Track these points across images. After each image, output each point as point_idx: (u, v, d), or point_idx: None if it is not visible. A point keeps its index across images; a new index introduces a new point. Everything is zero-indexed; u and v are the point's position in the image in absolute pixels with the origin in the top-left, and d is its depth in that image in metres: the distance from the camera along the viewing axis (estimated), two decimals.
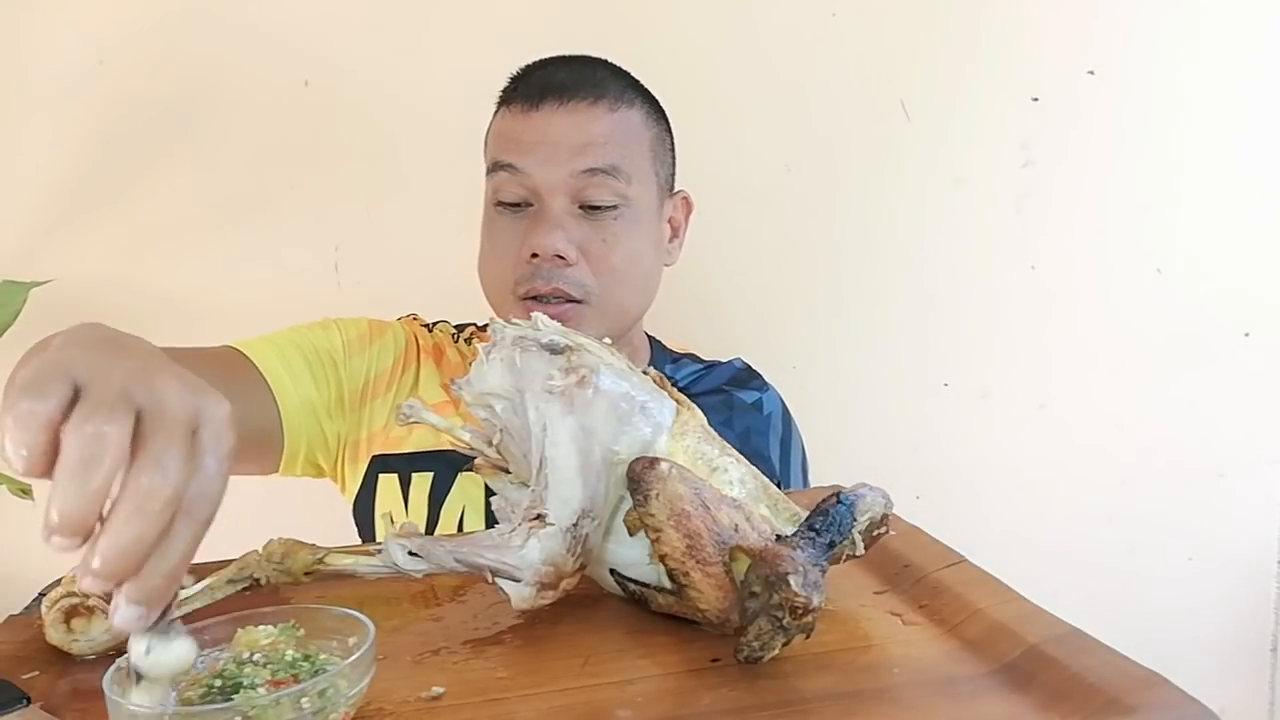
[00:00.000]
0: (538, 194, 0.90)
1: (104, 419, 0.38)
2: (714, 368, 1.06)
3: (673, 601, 0.54)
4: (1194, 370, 1.44)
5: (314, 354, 0.92)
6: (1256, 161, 1.41)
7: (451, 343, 1.02)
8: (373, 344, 0.97)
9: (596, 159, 0.89)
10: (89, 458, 0.37)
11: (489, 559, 0.53)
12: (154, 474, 0.38)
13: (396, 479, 0.93)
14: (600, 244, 0.90)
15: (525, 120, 0.91)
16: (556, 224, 0.89)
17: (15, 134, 1.25)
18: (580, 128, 0.90)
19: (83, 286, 1.23)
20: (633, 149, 0.93)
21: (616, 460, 0.55)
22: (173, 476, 0.38)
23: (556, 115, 0.90)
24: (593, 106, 0.91)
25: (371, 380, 0.96)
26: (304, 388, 0.90)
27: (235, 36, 1.25)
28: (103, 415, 0.38)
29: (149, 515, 0.38)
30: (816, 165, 1.35)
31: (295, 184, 1.28)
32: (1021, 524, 1.42)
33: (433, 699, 0.48)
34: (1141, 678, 0.45)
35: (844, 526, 0.52)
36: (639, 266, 0.94)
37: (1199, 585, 1.48)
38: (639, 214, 0.93)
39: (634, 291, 0.94)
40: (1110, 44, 1.36)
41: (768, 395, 1.05)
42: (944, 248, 1.38)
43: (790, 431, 1.04)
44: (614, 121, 0.92)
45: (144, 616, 0.39)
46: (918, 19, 1.33)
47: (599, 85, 0.93)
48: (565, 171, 0.89)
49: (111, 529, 0.38)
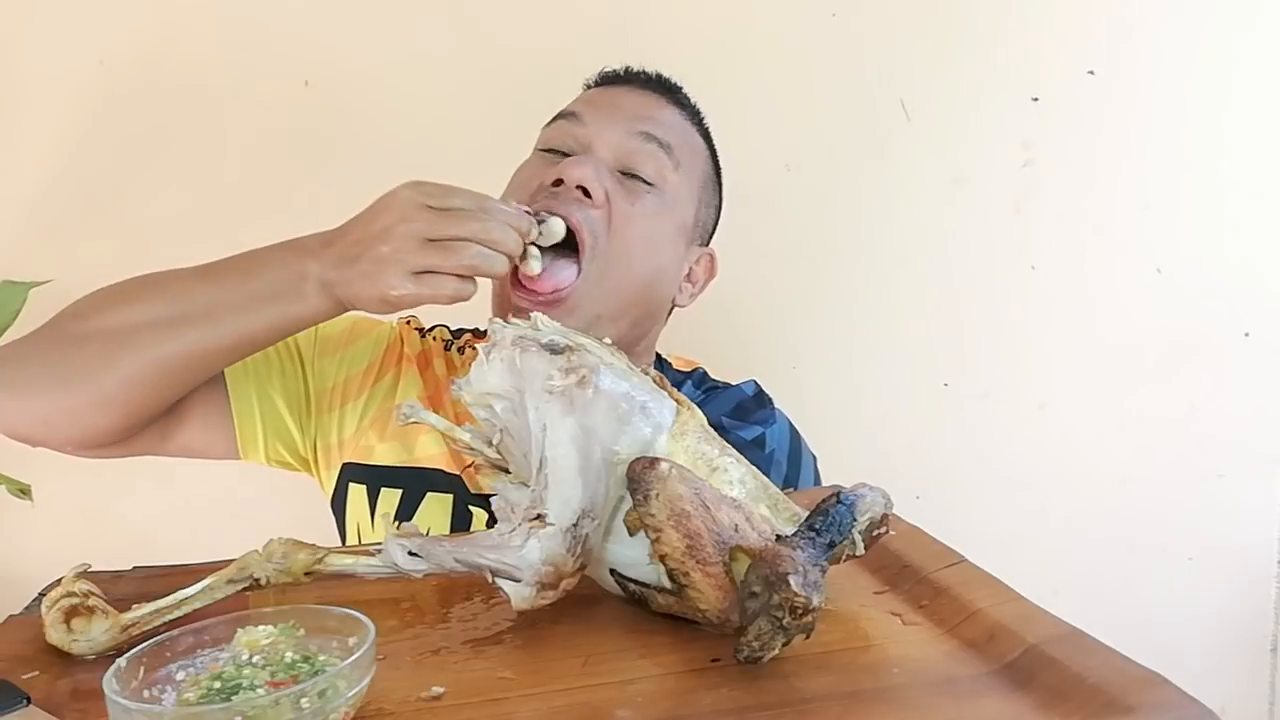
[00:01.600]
0: (588, 144, 0.88)
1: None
2: (717, 393, 0.98)
3: (673, 601, 0.54)
4: (1194, 370, 1.44)
5: (286, 355, 0.93)
6: (1256, 161, 1.41)
7: (441, 351, 0.98)
8: (350, 345, 0.96)
9: (655, 128, 0.89)
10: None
11: (489, 559, 0.53)
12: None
13: (365, 491, 0.91)
14: (628, 205, 0.86)
15: (603, 89, 0.94)
16: (591, 161, 0.85)
17: (15, 134, 1.25)
18: (649, 105, 0.92)
19: (83, 286, 1.23)
20: (689, 155, 0.93)
21: (616, 460, 0.55)
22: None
23: (631, 93, 0.93)
24: (670, 103, 0.94)
25: (341, 383, 0.94)
26: (260, 372, 0.90)
27: (235, 36, 1.25)
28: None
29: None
30: (816, 165, 1.35)
31: (295, 184, 1.28)
32: (1021, 524, 1.42)
33: (433, 699, 0.48)
34: (1141, 678, 0.45)
35: (844, 526, 0.52)
36: (654, 256, 0.89)
37: (1199, 585, 1.49)
38: (672, 208, 0.90)
39: (639, 276, 0.88)
40: (1110, 44, 1.36)
41: (772, 430, 0.96)
42: (944, 248, 1.38)
43: (798, 467, 0.97)
44: (682, 122, 0.94)
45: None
46: (918, 19, 1.33)
47: (680, 98, 0.96)
48: (622, 130, 0.88)
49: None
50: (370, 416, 0.93)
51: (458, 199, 0.73)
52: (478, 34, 1.27)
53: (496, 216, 0.73)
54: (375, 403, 0.94)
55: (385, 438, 0.92)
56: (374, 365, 0.96)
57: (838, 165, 1.35)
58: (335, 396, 0.94)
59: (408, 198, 0.73)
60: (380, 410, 0.93)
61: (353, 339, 0.97)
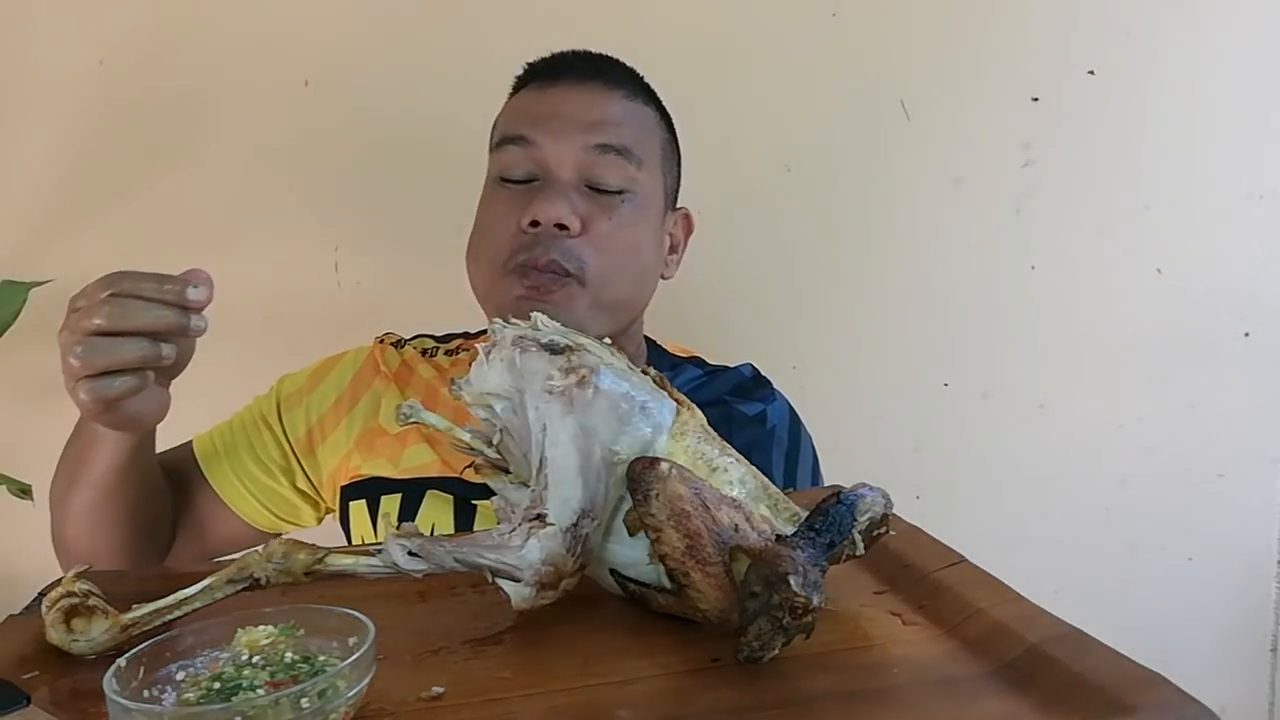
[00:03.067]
0: (546, 167, 0.87)
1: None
2: (717, 374, 1.01)
3: (673, 601, 0.54)
4: (1194, 370, 1.44)
5: (250, 424, 0.99)
6: (1256, 161, 1.41)
7: (423, 359, 0.99)
8: (314, 390, 0.99)
9: (610, 136, 0.87)
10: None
11: (489, 559, 0.53)
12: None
13: (365, 504, 0.92)
14: (605, 222, 0.86)
15: (540, 95, 0.90)
16: (561, 193, 0.85)
17: (15, 134, 1.25)
18: (596, 105, 0.88)
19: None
20: (645, 139, 0.91)
21: (616, 460, 0.55)
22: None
23: (573, 92, 0.89)
24: (610, 91, 0.90)
25: (316, 425, 0.97)
26: (229, 451, 0.97)
27: (235, 36, 1.25)
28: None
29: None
30: (816, 165, 1.34)
31: (295, 184, 1.28)
32: (1022, 524, 1.42)
33: (433, 699, 0.48)
34: (1141, 678, 0.45)
35: (844, 526, 0.52)
36: (639, 258, 0.90)
37: (1199, 585, 1.49)
38: (646, 206, 0.90)
39: (630, 283, 0.90)
40: (1110, 44, 1.36)
41: (773, 406, 0.99)
42: (944, 248, 1.38)
43: (798, 444, 0.99)
44: (628, 108, 0.91)
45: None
46: (918, 19, 1.33)
47: (615, 76, 0.92)
48: (578, 145, 0.86)
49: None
50: (353, 441, 0.95)
51: (90, 296, 0.69)
52: (478, 34, 1.27)
53: (137, 312, 0.68)
54: (355, 428, 0.95)
55: (371, 456, 0.93)
56: (343, 396, 0.98)
57: (838, 165, 1.35)
58: (314, 438, 0.97)
59: (69, 316, 0.70)
60: (363, 432, 0.95)
61: (317, 382, 0.99)
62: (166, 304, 0.67)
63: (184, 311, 0.68)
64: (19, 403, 1.27)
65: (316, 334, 1.30)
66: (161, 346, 0.68)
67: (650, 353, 1.02)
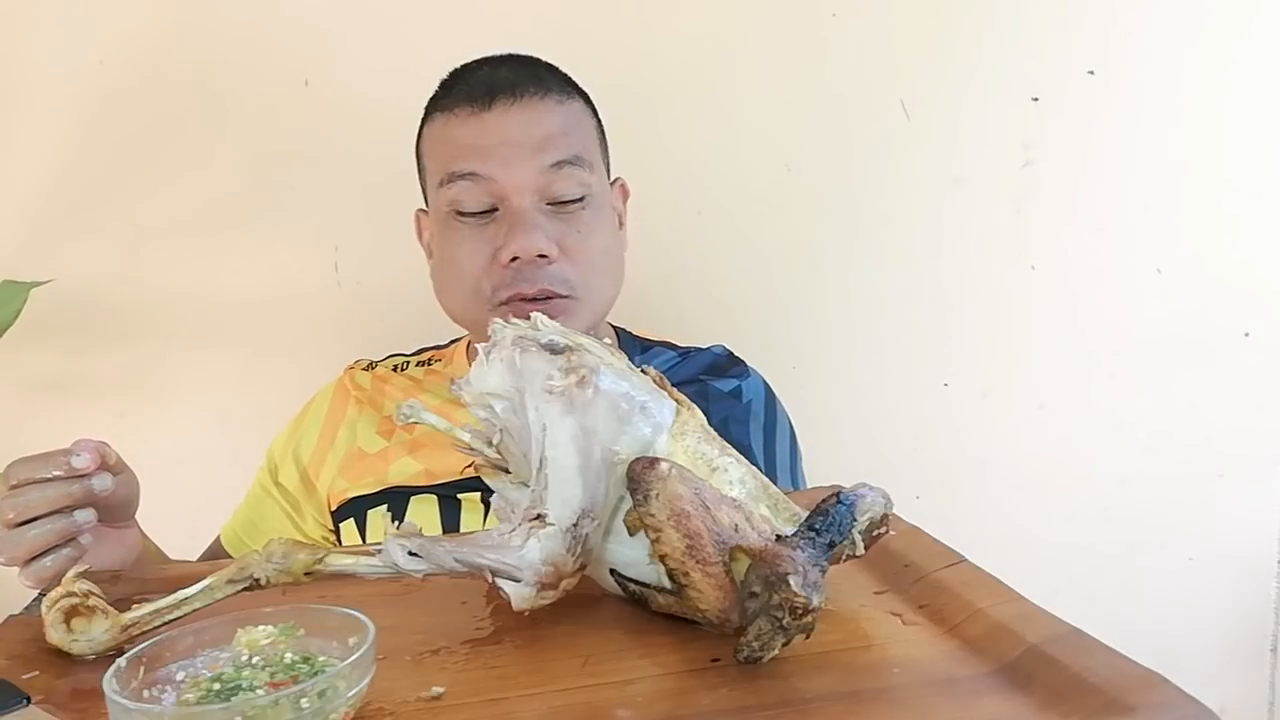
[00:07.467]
0: (504, 197, 0.88)
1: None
2: (690, 356, 1.03)
3: (673, 601, 0.54)
4: (1194, 370, 1.44)
5: (258, 500, 1.01)
6: (1256, 161, 1.41)
7: (395, 374, 1.02)
8: (297, 435, 1.01)
9: (561, 150, 0.88)
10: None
11: (489, 559, 0.53)
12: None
13: (354, 522, 0.94)
14: (576, 236, 0.89)
15: (479, 123, 0.88)
16: (533, 224, 0.87)
17: (15, 134, 1.25)
18: (538, 122, 0.88)
19: (83, 286, 1.23)
20: (586, 137, 0.92)
21: (616, 460, 0.55)
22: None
23: (511, 113, 0.88)
24: (543, 100, 0.90)
25: (307, 466, 0.99)
26: (259, 535, 0.99)
27: (235, 36, 1.25)
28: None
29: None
30: (816, 165, 1.34)
31: (295, 184, 1.28)
32: (1022, 523, 1.42)
33: (433, 699, 0.48)
34: (1141, 678, 0.45)
35: (844, 526, 0.52)
36: (612, 255, 0.94)
37: (1199, 585, 1.48)
38: (601, 203, 0.93)
39: (611, 280, 0.94)
40: (1110, 44, 1.36)
41: (748, 382, 1.01)
42: (944, 248, 1.38)
43: (774, 417, 1.01)
44: (565, 113, 0.91)
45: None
46: (918, 19, 1.33)
47: (542, 80, 0.91)
48: (533, 169, 0.87)
49: None
50: (337, 468, 0.97)
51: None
52: (479, 34, 1.27)
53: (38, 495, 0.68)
54: (338, 457, 0.97)
55: (356, 478, 0.95)
56: (324, 431, 1.00)
57: (838, 165, 1.35)
58: (309, 478, 0.99)
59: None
60: (345, 457, 0.97)
61: (298, 427, 1.02)
62: (61, 479, 0.68)
63: (83, 479, 0.68)
64: (19, 403, 1.27)
65: (316, 334, 1.30)
66: (75, 515, 0.69)
67: (621, 339, 1.04)
